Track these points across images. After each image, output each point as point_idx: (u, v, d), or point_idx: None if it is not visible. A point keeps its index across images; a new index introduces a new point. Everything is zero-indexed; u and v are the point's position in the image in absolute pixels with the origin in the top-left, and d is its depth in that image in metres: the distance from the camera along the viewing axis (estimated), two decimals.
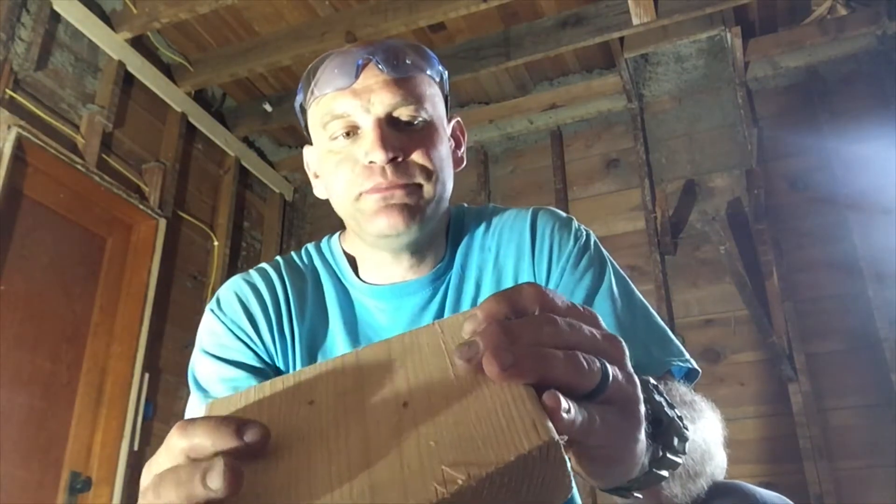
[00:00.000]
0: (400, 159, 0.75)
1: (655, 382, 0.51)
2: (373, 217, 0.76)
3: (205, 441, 0.35)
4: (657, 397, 0.50)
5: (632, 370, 0.39)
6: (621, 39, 2.99)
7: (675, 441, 0.50)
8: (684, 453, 0.50)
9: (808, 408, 2.60)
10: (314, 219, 3.73)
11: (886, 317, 2.61)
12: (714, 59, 3.14)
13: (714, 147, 3.13)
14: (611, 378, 0.37)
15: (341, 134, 0.78)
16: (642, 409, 0.40)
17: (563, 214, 0.86)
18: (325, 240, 0.91)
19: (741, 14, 2.92)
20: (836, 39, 2.96)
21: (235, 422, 0.35)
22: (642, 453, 0.43)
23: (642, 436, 0.41)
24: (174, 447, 0.36)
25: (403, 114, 0.77)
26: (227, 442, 0.34)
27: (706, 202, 3.05)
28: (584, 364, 0.35)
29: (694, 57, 3.15)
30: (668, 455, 0.50)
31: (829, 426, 2.59)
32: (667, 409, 0.50)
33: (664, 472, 0.50)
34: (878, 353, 2.59)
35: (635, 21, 2.73)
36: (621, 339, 0.39)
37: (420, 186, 0.76)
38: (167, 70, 3.05)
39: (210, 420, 0.36)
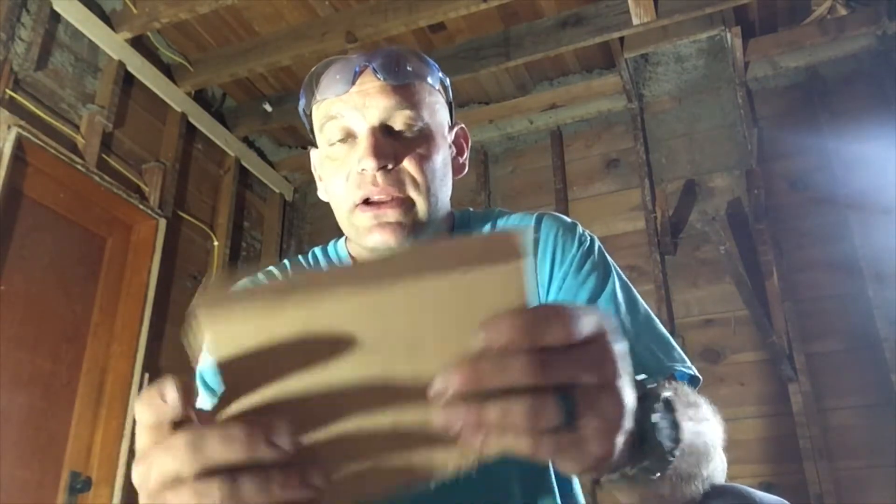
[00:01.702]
0: (391, 167, 0.76)
1: (668, 396, 0.51)
2: (366, 233, 0.77)
3: (225, 455, 0.35)
4: (654, 418, 0.49)
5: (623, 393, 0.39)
6: (621, 39, 2.99)
7: (653, 461, 0.50)
8: (658, 472, 0.50)
9: (808, 408, 2.60)
10: (314, 219, 3.73)
11: (886, 317, 2.61)
12: (714, 59, 3.14)
13: (714, 147, 3.13)
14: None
15: (338, 140, 0.80)
16: (622, 431, 0.40)
17: (568, 219, 0.87)
18: (331, 243, 0.92)
19: (741, 14, 2.92)
20: (836, 39, 2.96)
21: (261, 429, 0.34)
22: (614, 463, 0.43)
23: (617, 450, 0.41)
24: (182, 457, 0.35)
25: (399, 121, 0.78)
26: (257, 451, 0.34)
27: (706, 202, 3.05)
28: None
29: (694, 57, 3.15)
30: (642, 473, 0.50)
31: (829, 426, 2.59)
32: (656, 432, 0.49)
33: (638, 476, 0.50)
34: (878, 353, 2.59)
35: (635, 21, 2.73)
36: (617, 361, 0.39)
37: (412, 203, 0.77)
38: (167, 70, 3.05)
39: (227, 430, 0.35)
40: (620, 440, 0.39)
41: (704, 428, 0.63)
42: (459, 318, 0.37)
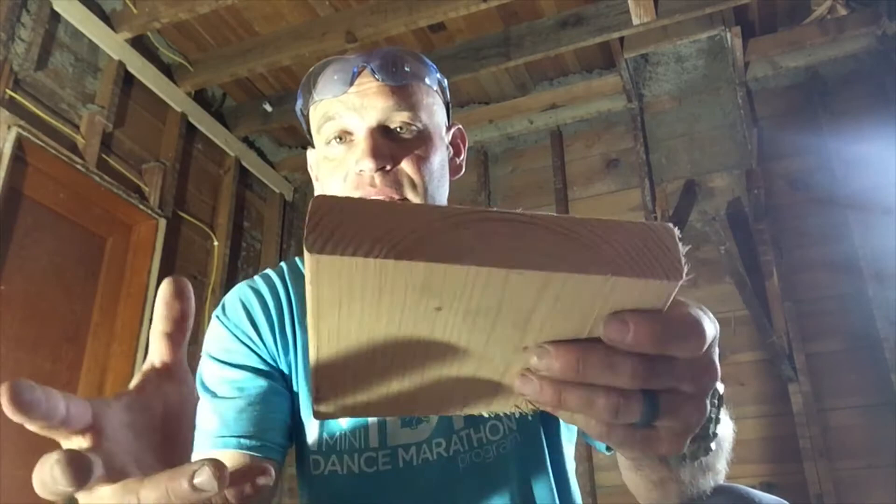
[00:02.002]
0: (389, 168, 0.76)
1: (722, 393, 0.51)
2: None
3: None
4: (711, 411, 0.49)
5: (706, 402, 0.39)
6: (621, 39, 2.99)
7: (693, 448, 0.50)
8: (694, 458, 0.51)
9: (808, 408, 2.60)
10: None
11: (886, 317, 2.61)
12: (714, 59, 3.14)
13: (714, 147, 3.13)
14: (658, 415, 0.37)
15: (335, 140, 0.80)
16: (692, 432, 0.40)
17: None
18: None
19: (741, 14, 2.92)
20: (836, 39, 2.96)
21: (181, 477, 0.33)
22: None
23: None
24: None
25: (396, 122, 0.79)
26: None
27: (706, 202, 3.05)
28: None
29: (694, 57, 3.15)
30: (676, 456, 0.50)
31: (829, 426, 2.59)
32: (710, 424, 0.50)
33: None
34: (878, 353, 2.59)
35: (635, 21, 2.73)
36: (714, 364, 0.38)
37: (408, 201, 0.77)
38: (167, 70, 3.05)
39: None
40: (688, 441, 0.39)
41: (726, 426, 0.64)
42: (585, 313, 0.35)
